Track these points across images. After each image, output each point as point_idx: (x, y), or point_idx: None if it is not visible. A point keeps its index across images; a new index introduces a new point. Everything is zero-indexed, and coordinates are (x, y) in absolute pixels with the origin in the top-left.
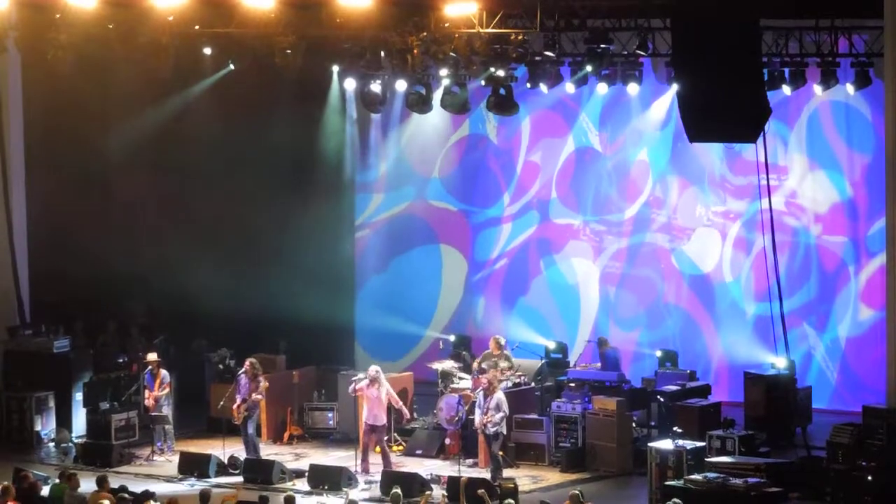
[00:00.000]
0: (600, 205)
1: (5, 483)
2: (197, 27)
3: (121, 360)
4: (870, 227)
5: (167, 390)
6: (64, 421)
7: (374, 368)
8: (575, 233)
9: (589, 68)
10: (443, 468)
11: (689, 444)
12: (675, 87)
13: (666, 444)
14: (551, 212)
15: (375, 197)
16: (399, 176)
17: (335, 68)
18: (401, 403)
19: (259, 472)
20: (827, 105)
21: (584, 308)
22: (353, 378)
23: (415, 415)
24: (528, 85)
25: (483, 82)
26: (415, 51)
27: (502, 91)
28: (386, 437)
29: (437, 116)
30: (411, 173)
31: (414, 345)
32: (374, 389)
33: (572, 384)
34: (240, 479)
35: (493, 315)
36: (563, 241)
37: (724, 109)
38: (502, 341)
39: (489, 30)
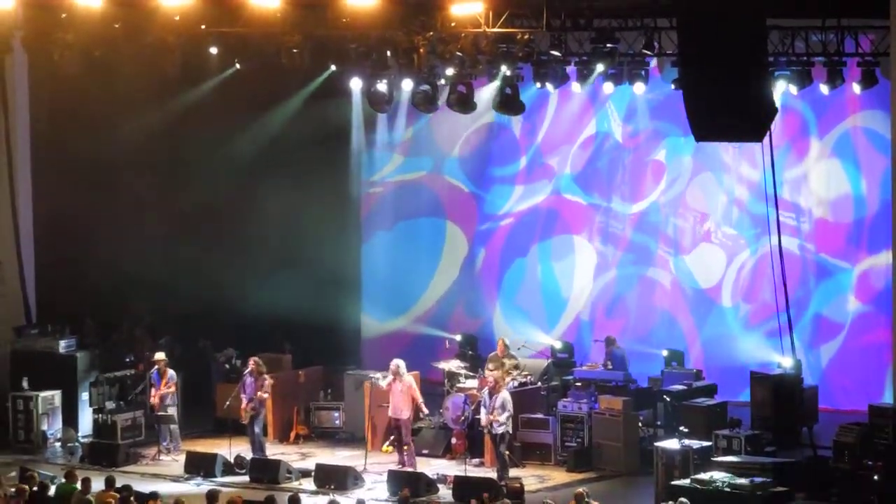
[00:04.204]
0: (609, 194)
1: (21, 485)
2: (203, 27)
3: (127, 360)
4: (873, 226)
5: (173, 389)
6: (70, 420)
7: (395, 363)
8: (581, 213)
9: (601, 67)
10: (449, 468)
11: (696, 443)
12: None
13: (672, 444)
14: (562, 186)
15: (396, 157)
16: (422, 143)
17: (332, 67)
18: (420, 400)
19: (265, 472)
20: (859, 130)
21: (575, 293)
22: (373, 377)
23: (421, 414)
24: (538, 85)
25: (498, 82)
26: (421, 50)
27: (508, 90)
28: (392, 437)
29: None
30: (433, 145)
31: (414, 303)
32: (398, 383)
33: (578, 384)
34: (246, 478)
35: (489, 273)
36: (569, 219)
37: (731, 109)
38: (508, 342)
39: (495, 29)
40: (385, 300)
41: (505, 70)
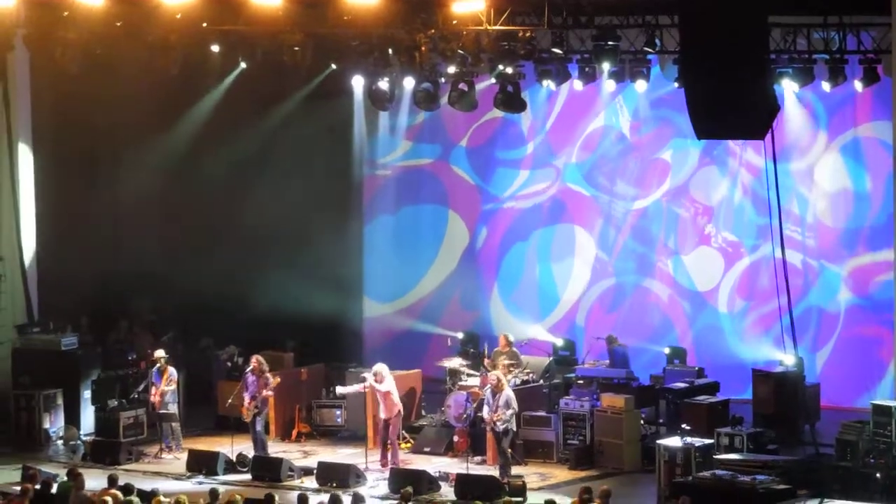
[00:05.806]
0: (614, 188)
1: (26, 484)
2: (205, 25)
3: (130, 358)
4: (875, 225)
5: (173, 386)
6: (72, 419)
7: (377, 366)
8: (584, 205)
9: (607, 65)
10: (451, 465)
11: (698, 441)
12: None
13: (674, 442)
14: (567, 177)
15: (404, 143)
16: (431, 131)
17: (333, 65)
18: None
19: (267, 470)
20: (868, 137)
21: (572, 286)
22: (364, 376)
23: (423, 412)
24: (545, 84)
25: (493, 79)
26: (423, 48)
27: (510, 88)
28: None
29: None
30: (442, 133)
31: (411, 288)
32: (379, 385)
33: (580, 381)
34: (248, 476)
35: (488, 259)
36: (571, 209)
37: (732, 106)
38: (511, 337)
39: (497, 27)
40: (385, 284)
41: (502, 68)
